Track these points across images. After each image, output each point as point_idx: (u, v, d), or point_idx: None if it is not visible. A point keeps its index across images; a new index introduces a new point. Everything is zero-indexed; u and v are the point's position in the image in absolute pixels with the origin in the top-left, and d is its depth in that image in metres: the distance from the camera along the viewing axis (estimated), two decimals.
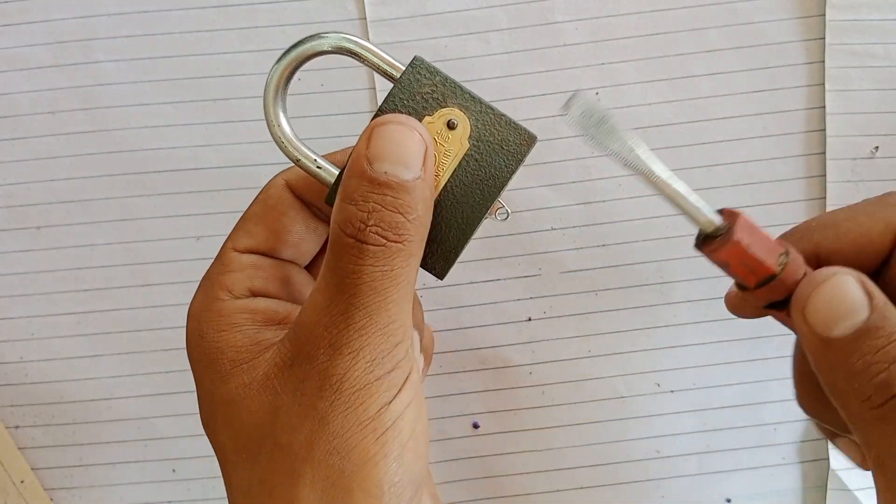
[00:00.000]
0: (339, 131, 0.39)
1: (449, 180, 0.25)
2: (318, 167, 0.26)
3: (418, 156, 0.24)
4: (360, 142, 0.24)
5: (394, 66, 0.25)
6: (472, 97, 0.25)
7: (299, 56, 0.25)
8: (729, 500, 0.41)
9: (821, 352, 0.21)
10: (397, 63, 0.26)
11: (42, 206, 0.39)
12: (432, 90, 0.25)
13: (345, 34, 0.25)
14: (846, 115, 0.38)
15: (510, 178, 0.26)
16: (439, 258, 0.26)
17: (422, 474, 0.24)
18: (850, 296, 0.21)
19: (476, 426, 0.40)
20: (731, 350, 0.40)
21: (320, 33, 0.25)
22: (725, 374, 0.40)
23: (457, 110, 0.25)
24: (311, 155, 0.26)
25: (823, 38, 0.38)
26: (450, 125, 0.25)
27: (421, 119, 0.25)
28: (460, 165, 0.25)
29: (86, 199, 0.39)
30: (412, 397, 0.24)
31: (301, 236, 0.28)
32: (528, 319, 0.40)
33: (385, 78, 0.26)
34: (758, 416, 0.40)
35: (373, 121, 0.24)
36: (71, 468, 0.41)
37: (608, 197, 0.39)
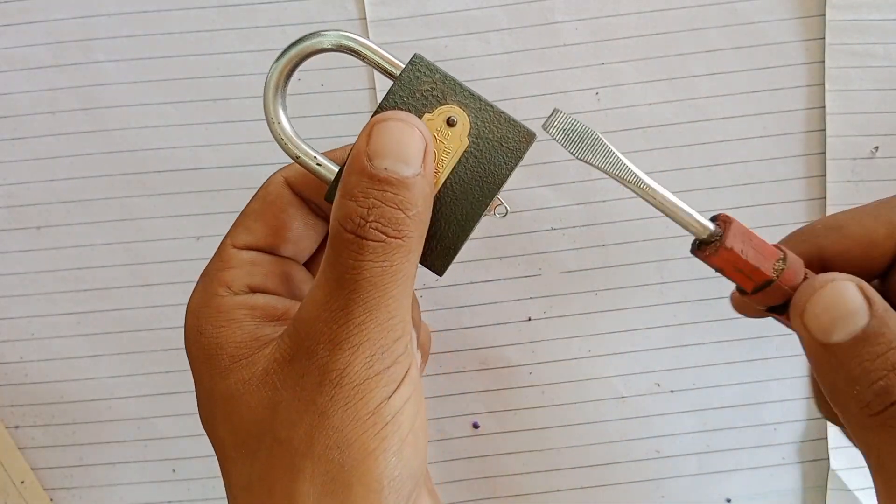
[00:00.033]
0: (340, 131, 0.39)
1: (448, 177, 0.25)
2: (317, 164, 0.26)
3: (418, 152, 0.24)
4: (361, 138, 0.24)
5: (393, 64, 0.25)
6: (472, 94, 0.25)
7: (299, 54, 0.25)
8: (729, 500, 0.41)
9: (820, 357, 0.21)
10: (397, 61, 0.26)
11: (42, 206, 0.39)
12: (432, 87, 0.25)
13: (344, 32, 0.25)
14: (846, 115, 0.38)
15: (509, 175, 0.26)
16: (439, 255, 0.26)
17: (421, 469, 0.25)
18: (849, 302, 0.21)
19: (476, 426, 0.40)
20: (731, 350, 0.40)
21: (320, 31, 0.25)
22: (725, 374, 0.40)
23: (456, 108, 0.25)
24: (310, 152, 0.26)
25: (823, 38, 0.38)
26: (449, 122, 0.25)
27: (421, 116, 0.25)
28: (460, 162, 0.25)
29: (86, 199, 0.39)
30: (411, 392, 0.24)
31: (300, 233, 0.28)
32: (528, 319, 0.40)
33: (385, 76, 0.26)
34: (758, 416, 0.40)
35: (373, 118, 0.24)
36: (71, 468, 0.41)
37: (608, 197, 0.39)
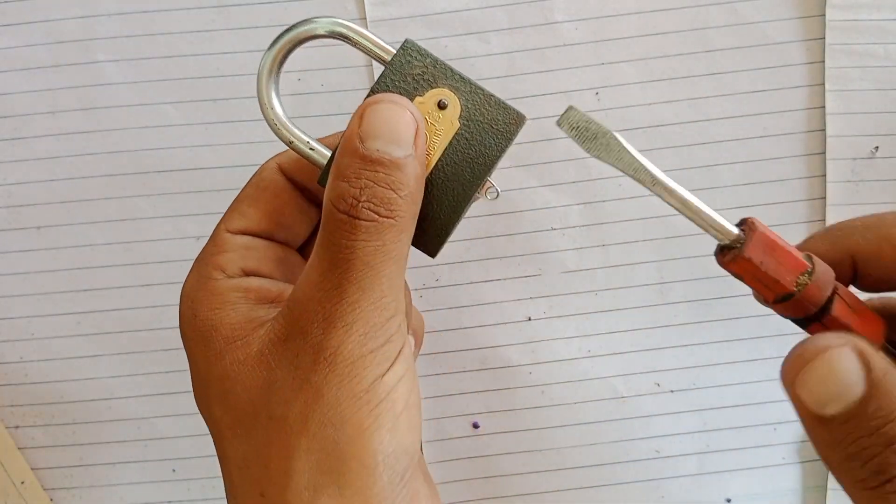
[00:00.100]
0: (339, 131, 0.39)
1: (440, 159, 0.26)
2: (310, 149, 0.26)
3: (409, 134, 0.24)
4: (353, 121, 0.24)
5: (385, 50, 0.26)
6: (463, 78, 0.26)
7: (292, 40, 0.26)
8: (729, 500, 0.41)
9: (814, 427, 0.20)
10: (389, 46, 0.26)
11: (42, 206, 0.39)
12: (423, 71, 0.26)
13: (337, 19, 0.26)
14: (846, 115, 0.38)
15: (500, 156, 0.26)
16: (431, 236, 0.26)
17: (415, 447, 0.25)
18: (845, 373, 0.19)
19: (476, 426, 0.40)
20: (731, 350, 0.40)
21: (313, 18, 0.26)
22: (725, 374, 0.40)
23: (447, 91, 0.26)
24: (303, 137, 0.26)
25: (823, 38, 0.38)
26: (440, 105, 0.26)
27: (412, 99, 0.25)
28: (451, 145, 0.26)
29: (86, 199, 0.39)
30: (405, 371, 0.24)
31: (294, 218, 0.28)
32: (528, 319, 0.40)
33: (377, 61, 0.26)
34: (758, 416, 0.40)
35: (365, 100, 0.25)
36: (71, 468, 0.41)
37: (608, 197, 0.39)
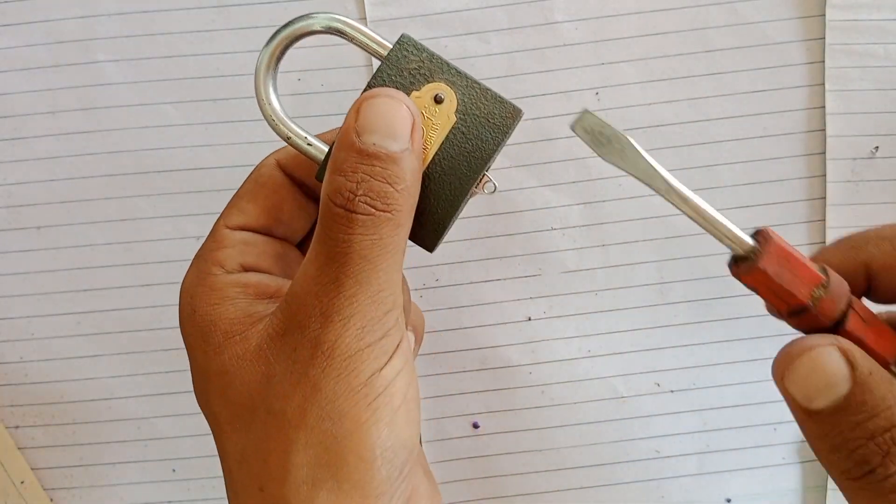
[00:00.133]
0: None
1: (437, 153, 0.26)
2: (308, 144, 0.26)
3: (406, 128, 0.24)
4: (349, 115, 0.24)
5: (382, 45, 0.26)
6: (459, 72, 0.26)
7: (290, 35, 0.26)
8: (729, 500, 0.41)
9: (803, 421, 0.22)
10: (385, 41, 0.26)
11: (42, 206, 0.39)
12: (419, 66, 0.26)
13: (334, 14, 0.26)
14: (846, 115, 0.38)
15: (497, 150, 0.26)
16: (429, 231, 0.26)
17: (413, 441, 0.25)
18: (829, 371, 0.21)
19: (476, 426, 0.40)
20: (731, 350, 0.40)
21: (310, 13, 0.26)
22: (725, 374, 0.40)
23: (444, 85, 0.26)
24: (301, 133, 0.26)
25: (823, 38, 0.38)
26: (437, 100, 0.26)
27: (409, 94, 0.26)
28: (447, 139, 0.26)
29: (86, 199, 0.39)
30: (403, 365, 0.24)
31: (292, 214, 0.28)
32: (528, 319, 0.40)
33: (374, 56, 0.26)
34: (758, 416, 0.40)
35: (361, 95, 0.25)
36: (71, 468, 0.41)
37: (608, 197, 0.39)
